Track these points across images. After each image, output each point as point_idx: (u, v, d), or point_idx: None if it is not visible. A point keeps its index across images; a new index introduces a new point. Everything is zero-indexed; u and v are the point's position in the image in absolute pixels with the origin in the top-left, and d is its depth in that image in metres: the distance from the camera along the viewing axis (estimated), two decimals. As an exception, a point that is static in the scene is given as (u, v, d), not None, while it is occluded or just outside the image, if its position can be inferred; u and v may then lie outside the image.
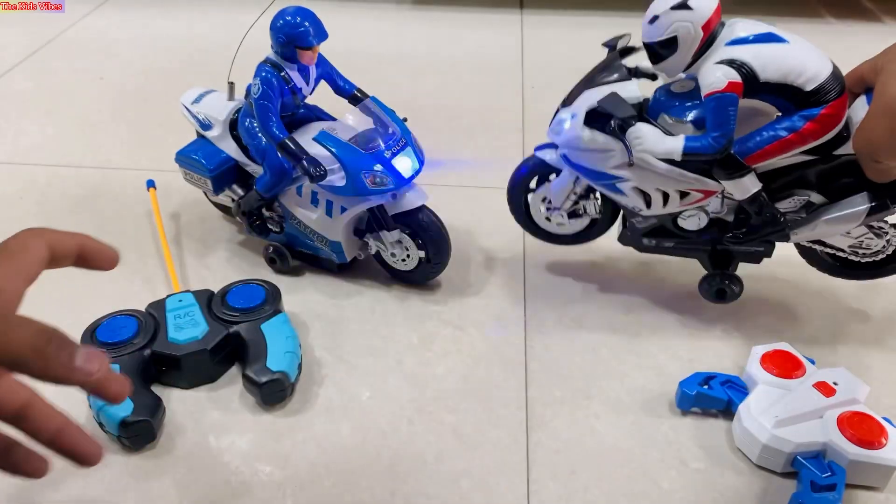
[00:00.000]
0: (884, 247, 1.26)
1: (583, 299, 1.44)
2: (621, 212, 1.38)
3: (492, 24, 2.80)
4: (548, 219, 1.40)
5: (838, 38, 2.71)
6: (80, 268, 0.42)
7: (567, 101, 1.27)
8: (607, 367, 1.29)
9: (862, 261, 1.29)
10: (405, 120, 1.39)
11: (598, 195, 1.34)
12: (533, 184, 1.40)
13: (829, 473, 1.03)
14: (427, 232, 1.37)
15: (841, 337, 1.37)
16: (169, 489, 1.06)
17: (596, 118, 1.21)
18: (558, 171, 1.36)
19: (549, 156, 1.33)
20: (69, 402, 1.21)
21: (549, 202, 1.38)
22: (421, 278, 1.45)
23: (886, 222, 1.24)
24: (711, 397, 1.16)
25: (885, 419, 1.08)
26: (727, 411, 1.18)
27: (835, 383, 1.13)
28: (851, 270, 1.33)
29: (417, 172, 1.35)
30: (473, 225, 1.65)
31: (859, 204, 1.17)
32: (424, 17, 2.86)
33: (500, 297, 1.45)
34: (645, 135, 1.14)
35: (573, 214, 1.38)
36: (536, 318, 1.40)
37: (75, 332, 1.27)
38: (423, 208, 1.37)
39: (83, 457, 0.37)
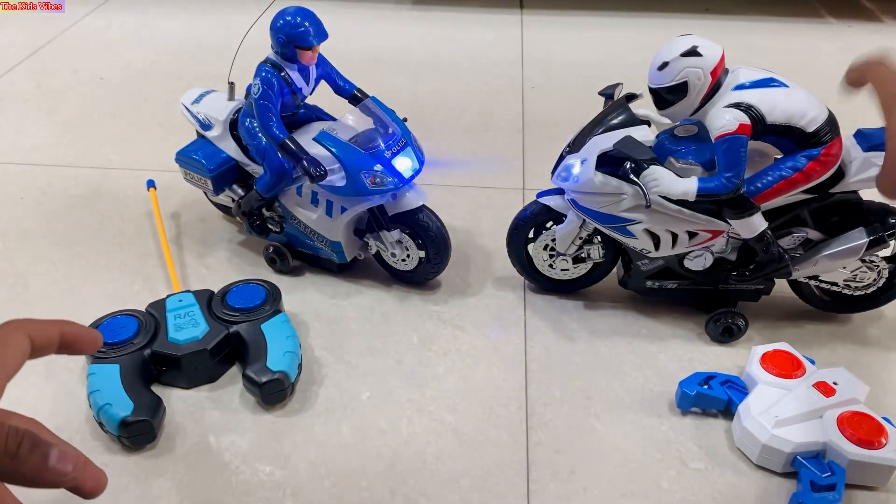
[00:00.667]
0: (875, 279, 1.31)
1: (582, 300, 1.44)
2: (621, 256, 1.40)
3: (492, 24, 2.80)
4: (551, 266, 1.41)
5: (837, 36, 2.71)
6: (62, 354, 0.41)
7: (574, 147, 1.29)
8: (607, 367, 1.29)
9: (854, 294, 1.33)
10: (405, 120, 1.39)
11: (600, 239, 1.35)
12: (531, 234, 1.41)
13: (829, 473, 1.03)
14: (427, 232, 1.37)
15: (841, 337, 1.37)
16: (169, 489, 1.06)
17: (607, 162, 1.23)
18: (556, 219, 1.37)
19: (553, 202, 1.34)
20: (70, 403, 1.22)
21: (553, 249, 1.39)
22: (421, 278, 1.45)
23: (878, 256, 1.28)
24: (711, 397, 1.16)
25: (885, 419, 1.08)
26: (727, 411, 1.18)
27: (834, 383, 1.13)
28: (843, 304, 1.37)
29: (417, 172, 1.35)
30: (473, 225, 1.66)
31: (858, 239, 1.23)
32: (424, 17, 2.86)
33: (500, 297, 1.45)
34: (661, 177, 1.17)
35: (577, 259, 1.39)
36: (536, 318, 1.40)
37: (75, 332, 1.27)
38: (423, 208, 1.37)
39: None
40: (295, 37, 1.29)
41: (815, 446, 1.05)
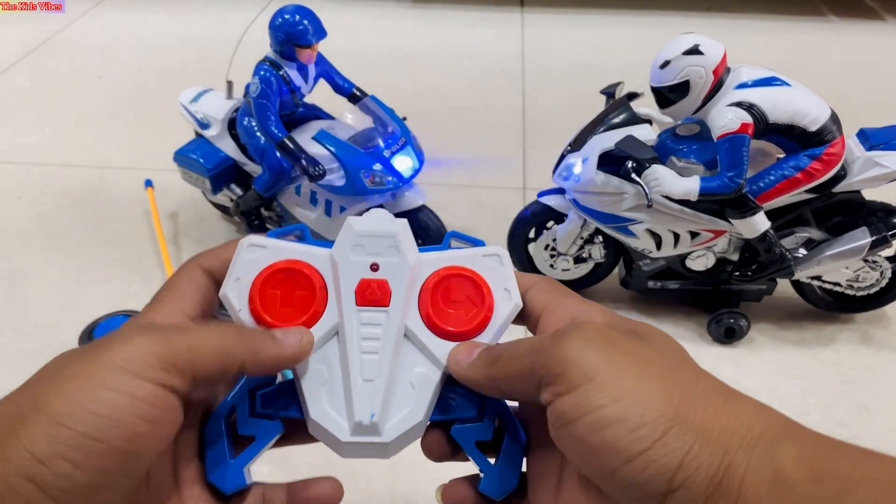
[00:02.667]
0: (878, 279, 1.30)
1: (583, 299, 1.43)
2: (622, 256, 1.40)
3: (492, 22, 2.79)
4: (552, 266, 1.40)
5: (840, 35, 2.70)
6: None
7: (575, 146, 1.28)
8: (608, 367, 1.28)
9: (857, 294, 1.33)
10: (405, 119, 1.38)
11: (601, 239, 1.35)
12: (531, 234, 1.41)
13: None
14: (427, 232, 1.36)
15: (844, 337, 1.36)
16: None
17: (608, 161, 1.22)
18: (557, 219, 1.37)
19: (554, 201, 1.34)
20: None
21: (553, 249, 1.39)
22: (420, 278, 1.44)
23: (881, 256, 1.28)
24: None
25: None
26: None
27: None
28: (846, 304, 1.37)
29: (417, 172, 1.34)
30: (473, 225, 1.65)
31: (860, 238, 1.22)
32: (424, 16, 2.85)
33: (500, 297, 1.44)
34: (662, 176, 1.16)
35: (578, 259, 1.38)
36: (537, 318, 1.39)
37: (73, 332, 1.27)
38: (422, 208, 1.36)
39: None
40: (294, 35, 1.28)
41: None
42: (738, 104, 1.12)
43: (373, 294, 0.31)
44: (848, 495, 0.22)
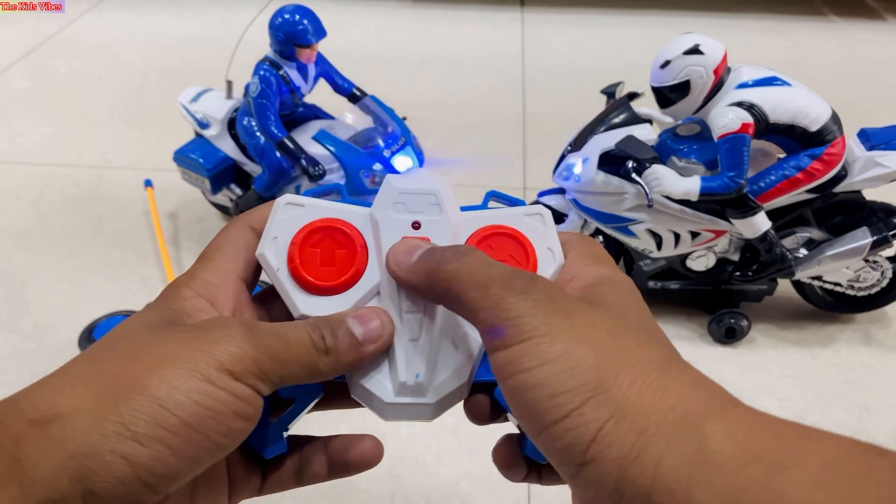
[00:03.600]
0: (878, 280, 1.30)
1: (583, 299, 1.43)
2: (622, 256, 1.40)
3: (492, 21, 2.79)
4: None
5: (840, 35, 2.70)
6: None
7: (575, 146, 1.28)
8: (608, 367, 1.28)
9: (857, 294, 1.32)
10: (404, 119, 1.38)
11: (602, 239, 1.35)
12: None
13: None
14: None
15: (844, 337, 1.36)
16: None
17: (609, 161, 1.22)
18: (557, 219, 1.36)
19: (554, 201, 1.33)
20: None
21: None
22: (420, 278, 1.44)
23: (881, 256, 1.27)
24: None
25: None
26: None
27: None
28: (847, 304, 1.36)
29: (417, 172, 1.34)
30: (473, 224, 1.64)
31: (861, 238, 1.22)
32: (424, 15, 2.85)
33: (500, 297, 1.44)
34: (662, 176, 1.16)
35: None
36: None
37: (73, 332, 1.27)
38: (422, 208, 1.35)
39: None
40: (293, 35, 1.28)
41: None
42: (739, 104, 1.12)
43: None
44: (779, 477, 0.21)
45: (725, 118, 1.12)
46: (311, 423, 0.36)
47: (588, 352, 0.24)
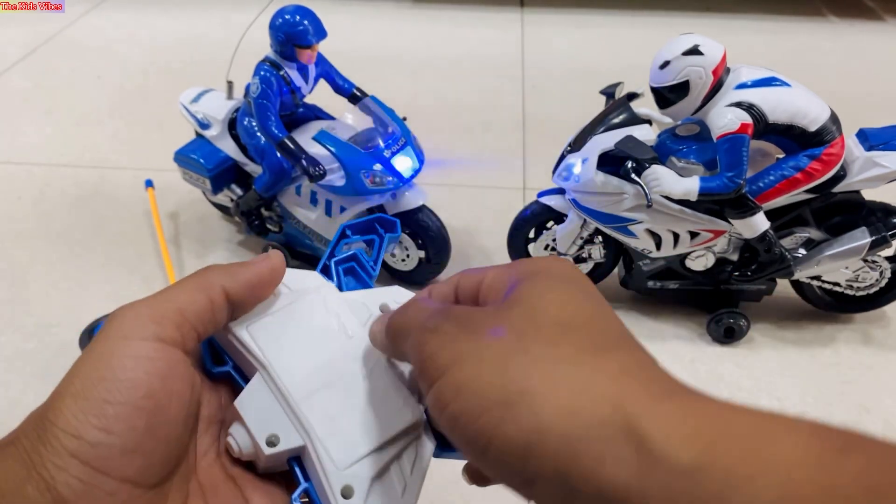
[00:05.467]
0: (877, 279, 1.30)
1: (583, 299, 1.43)
2: (622, 256, 1.39)
3: (492, 22, 2.79)
4: None
5: (839, 35, 2.70)
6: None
7: (575, 146, 1.28)
8: (608, 367, 1.28)
9: (856, 294, 1.33)
10: (405, 119, 1.38)
11: (601, 239, 1.35)
12: (531, 234, 1.40)
13: None
14: (427, 232, 1.36)
15: (843, 337, 1.36)
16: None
17: (608, 162, 1.23)
18: (557, 219, 1.37)
19: (554, 201, 1.34)
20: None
21: (553, 249, 1.39)
22: (421, 278, 1.44)
23: (880, 256, 1.28)
24: None
25: None
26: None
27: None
28: (846, 304, 1.37)
29: (417, 172, 1.34)
30: (473, 225, 1.65)
31: (860, 238, 1.22)
32: (424, 16, 2.85)
33: (500, 297, 1.44)
34: (662, 176, 1.16)
35: (578, 259, 1.38)
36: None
37: (73, 332, 1.27)
38: (422, 208, 1.36)
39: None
40: (294, 35, 1.28)
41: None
42: (738, 104, 1.12)
43: None
44: (735, 492, 0.19)
45: (724, 118, 1.12)
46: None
47: (494, 369, 0.24)
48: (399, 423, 0.31)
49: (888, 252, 1.27)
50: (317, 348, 0.32)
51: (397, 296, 0.34)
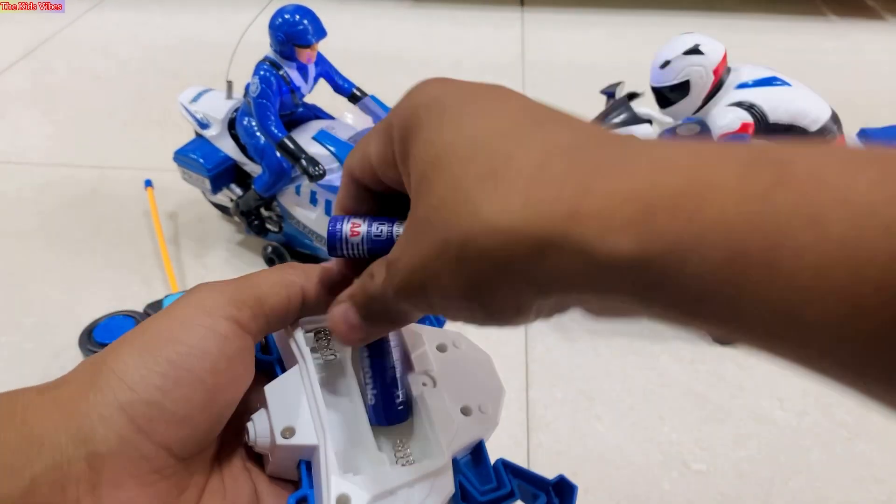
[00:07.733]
0: None
1: (583, 299, 1.43)
2: None
3: (492, 22, 2.79)
4: None
5: (840, 34, 2.70)
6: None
7: None
8: (608, 368, 1.28)
9: None
10: (405, 119, 1.38)
11: None
12: None
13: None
14: (427, 231, 1.36)
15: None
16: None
17: None
18: None
19: None
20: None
21: None
22: (421, 278, 1.44)
23: None
24: None
25: None
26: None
27: None
28: None
29: (417, 172, 1.34)
30: (473, 224, 1.64)
31: None
32: (424, 16, 2.85)
33: (500, 297, 1.44)
34: None
35: None
36: (537, 318, 1.39)
37: (74, 332, 1.27)
38: (422, 208, 1.36)
39: None
40: (293, 35, 1.28)
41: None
42: (739, 104, 1.12)
43: None
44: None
45: (725, 118, 1.12)
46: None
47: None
48: (423, 467, 0.30)
49: None
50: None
51: None
